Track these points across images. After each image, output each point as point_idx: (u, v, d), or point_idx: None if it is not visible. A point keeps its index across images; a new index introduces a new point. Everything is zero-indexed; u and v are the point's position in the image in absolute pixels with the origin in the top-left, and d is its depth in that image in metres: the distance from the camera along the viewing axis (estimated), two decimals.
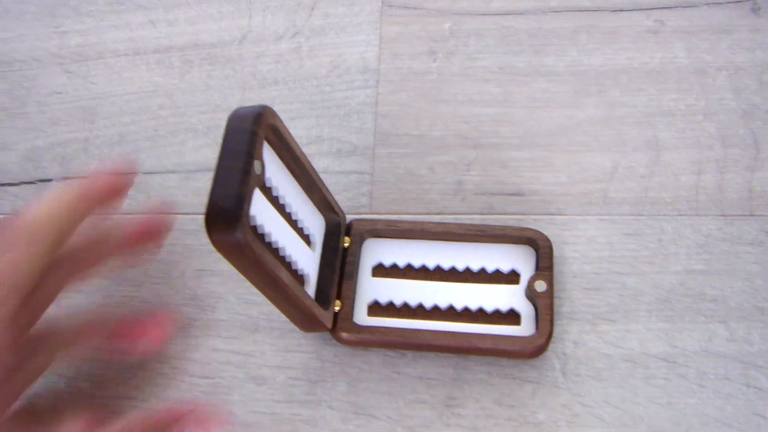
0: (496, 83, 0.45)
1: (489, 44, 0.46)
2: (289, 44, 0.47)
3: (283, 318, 0.36)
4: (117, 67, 0.47)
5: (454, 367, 0.38)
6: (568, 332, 0.39)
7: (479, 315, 0.39)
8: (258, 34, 0.48)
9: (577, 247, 0.41)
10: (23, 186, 0.45)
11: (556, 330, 0.39)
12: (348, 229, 0.40)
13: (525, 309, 0.39)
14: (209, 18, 0.48)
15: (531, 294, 0.38)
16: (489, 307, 0.39)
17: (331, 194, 0.39)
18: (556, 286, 0.40)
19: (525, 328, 0.38)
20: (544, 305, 0.38)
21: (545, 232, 0.40)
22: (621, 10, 0.46)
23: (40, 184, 0.45)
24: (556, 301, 0.39)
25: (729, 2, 0.46)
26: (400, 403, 0.38)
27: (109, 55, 0.48)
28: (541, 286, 0.38)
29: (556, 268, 0.40)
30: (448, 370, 0.38)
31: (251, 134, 0.30)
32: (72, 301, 0.41)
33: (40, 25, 0.49)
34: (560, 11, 0.46)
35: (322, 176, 0.37)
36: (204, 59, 0.47)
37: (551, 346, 0.38)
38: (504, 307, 0.39)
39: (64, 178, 0.45)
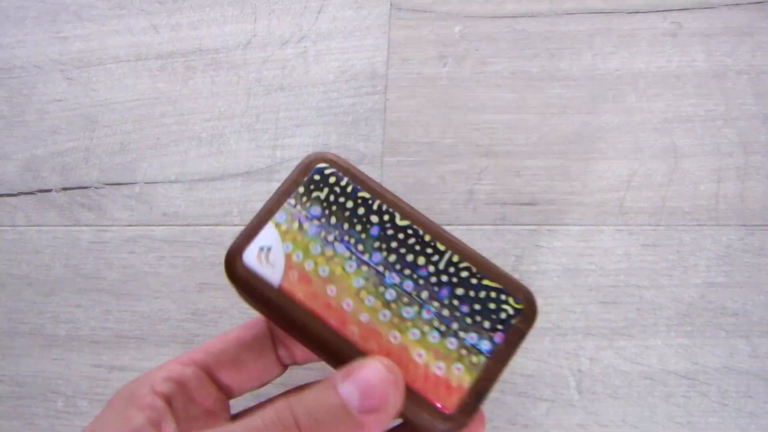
0: (509, 89, 0.43)
1: (501, 48, 0.44)
2: (295, 49, 0.46)
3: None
4: (118, 74, 0.46)
5: None
6: (584, 348, 0.37)
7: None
8: (263, 39, 0.46)
9: (593, 259, 0.39)
10: (22, 196, 0.44)
11: (572, 346, 0.37)
12: None
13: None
14: (213, 22, 0.47)
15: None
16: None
17: None
18: (570, 300, 0.38)
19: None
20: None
21: (559, 244, 0.39)
22: (637, 12, 0.45)
23: (40, 194, 0.44)
24: (571, 316, 0.38)
25: (749, 3, 0.44)
26: None
27: (111, 62, 0.47)
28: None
29: (571, 281, 0.39)
30: None
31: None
32: (70, 316, 0.40)
33: (41, 31, 0.48)
34: (575, 13, 0.45)
35: None
36: (208, 65, 0.46)
37: (566, 362, 0.37)
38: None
39: (64, 189, 0.44)
